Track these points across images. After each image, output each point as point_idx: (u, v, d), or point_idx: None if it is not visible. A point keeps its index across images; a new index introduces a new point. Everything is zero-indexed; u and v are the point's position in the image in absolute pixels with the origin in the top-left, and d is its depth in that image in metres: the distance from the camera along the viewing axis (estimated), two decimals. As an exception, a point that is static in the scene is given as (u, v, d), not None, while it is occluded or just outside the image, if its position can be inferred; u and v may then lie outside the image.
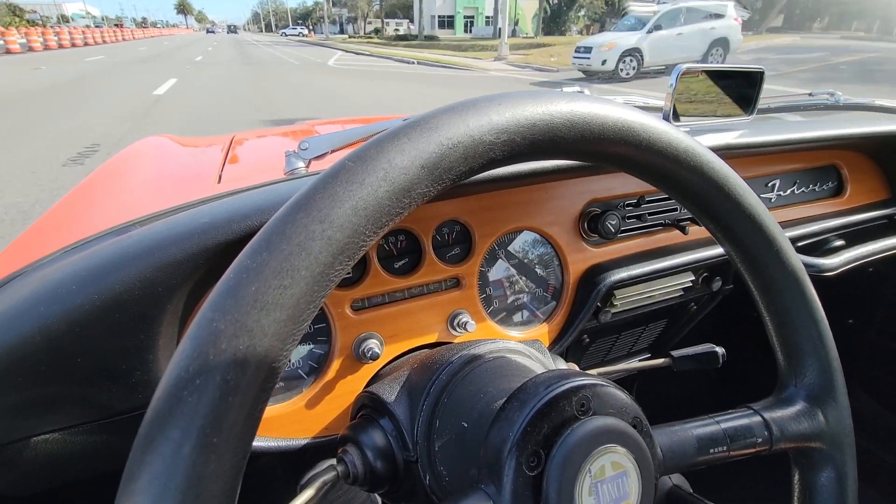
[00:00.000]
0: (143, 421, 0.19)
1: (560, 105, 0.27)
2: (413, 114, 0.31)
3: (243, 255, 0.22)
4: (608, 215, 0.67)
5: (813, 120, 0.91)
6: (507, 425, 0.29)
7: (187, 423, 0.19)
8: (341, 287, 0.54)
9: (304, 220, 0.22)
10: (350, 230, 0.22)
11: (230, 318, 0.20)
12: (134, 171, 0.90)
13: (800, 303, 0.36)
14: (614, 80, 10.65)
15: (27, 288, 0.39)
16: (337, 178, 0.23)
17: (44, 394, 0.38)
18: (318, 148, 0.60)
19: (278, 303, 0.20)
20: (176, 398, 0.19)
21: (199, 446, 0.18)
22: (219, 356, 0.19)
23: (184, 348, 0.20)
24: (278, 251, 0.21)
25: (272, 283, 0.21)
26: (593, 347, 0.80)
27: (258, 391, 0.20)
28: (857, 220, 0.91)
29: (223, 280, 0.21)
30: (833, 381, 0.37)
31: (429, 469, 0.40)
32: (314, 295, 0.22)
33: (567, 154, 0.29)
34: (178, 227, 0.39)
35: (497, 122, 0.26)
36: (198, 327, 0.20)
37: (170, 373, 0.20)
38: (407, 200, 0.24)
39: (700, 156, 0.31)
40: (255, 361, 0.20)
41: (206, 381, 0.19)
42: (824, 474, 0.37)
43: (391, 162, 0.24)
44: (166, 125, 5.75)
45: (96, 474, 0.47)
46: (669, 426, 0.35)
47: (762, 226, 0.34)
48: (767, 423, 0.36)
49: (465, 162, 0.25)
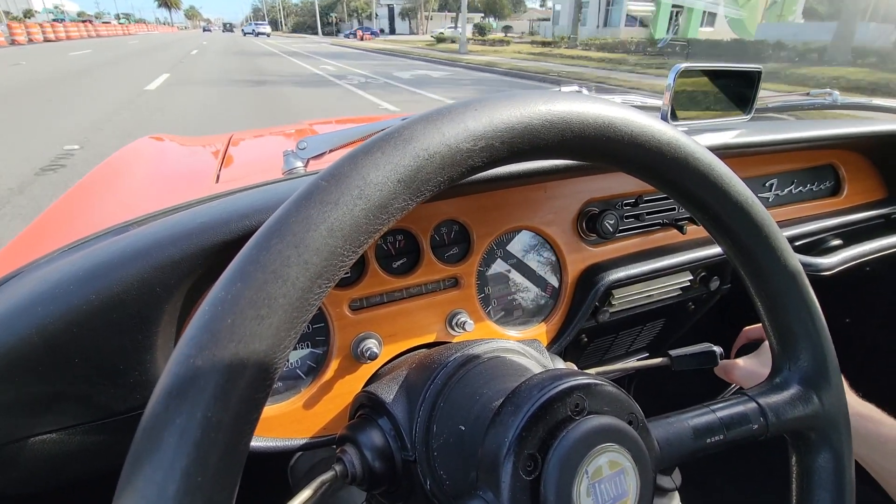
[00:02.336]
0: (126, 461, 0.19)
1: (538, 106, 0.27)
2: (412, 113, 0.30)
3: (217, 288, 0.21)
4: (606, 215, 0.67)
5: (810, 120, 0.92)
6: (502, 431, 0.29)
7: (170, 465, 0.18)
8: (340, 287, 0.54)
9: (278, 245, 0.21)
10: (327, 253, 0.22)
11: (207, 353, 0.19)
12: (132, 171, 0.90)
13: (790, 287, 0.36)
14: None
15: (25, 288, 0.39)
16: (310, 200, 0.22)
17: (42, 394, 0.38)
18: (317, 147, 0.60)
19: (256, 334, 0.20)
20: (157, 439, 0.19)
21: (183, 487, 0.18)
22: (198, 393, 0.19)
23: (162, 386, 0.20)
24: (253, 280, 0.20)
25: (248, 314, 0.20)
26: (592, 347, 0.81)
27: (242, 424, 0.20)
28: (854, 220, 0.91)
29: (198, 313, 0.21)
30: (827, 363, 0.37)
31: (429, 472, 0.40)
32: (294, 322, 0.21)
33: (549, 154, 0.29)
34: (176, 227, 0.39)
35: (474, 129, 0.25)
36: (175, 364, 0.20)
37: (149, 412, 0.19)
38: (384, 216, 0.23)
39: (684, 146, 0.31)
40: (237, 395, 0.20)
41: (187, 420, 0.19)
42: (821, 456, 0.37)
43: (366, 179, 0.23)
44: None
45: (95, 474, 0.47)
46: (665, 418, 0.35)
47: (751, 212, 0.34)
48: (763, 408, 0.36)
49: (443, 172, 0.25)
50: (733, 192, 0.33)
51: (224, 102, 7.94)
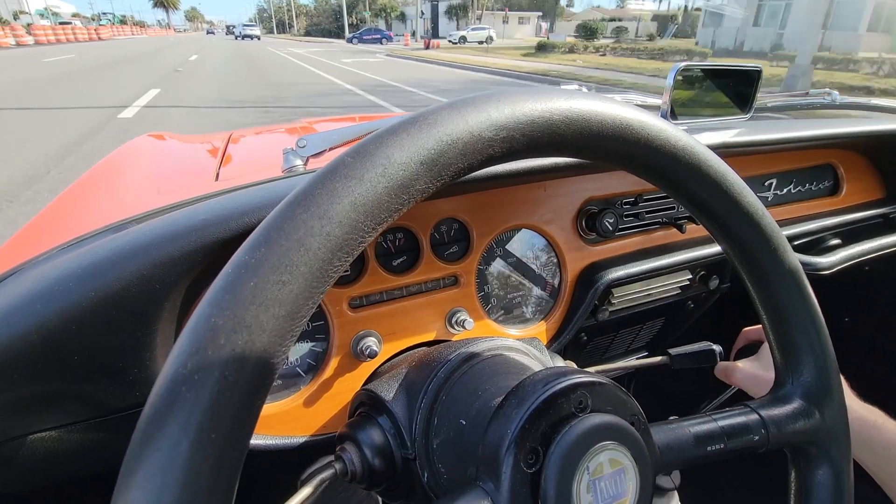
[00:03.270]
0: (141, 416, 0.19)
1: (559, 102, 0.27)
2: (407, 112, 0.30)
3: (241, 251, 0.22)
4: (606, 213, 0.67)
5: (809, 119, 0.92)
6: (505, 422, 0.29)
7: (185, 419, 0.18)
8: (339, 285, 0.54)
9: (302, 215, 0.22)
10: (349, 226, 0.22)
11: (228, 313, 0.20)
12: (131, 168, 0.90)
13: (796, 300, 0.36)
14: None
15: (23, 285, 0.39)
16: (336, 174, 0.23)
17: (40, 391, 0.38)
18: (316, 146, 0.60)
19: (277, 299, 0.20)
20: (174, 394, 0.19)
21: (197, 442, 0.18)
22: (217, 352, 0.19)
23: (181, 344, 0.20)
24: (277, 247, 0.21)
25: (270, 278, 0.20)
26: (591, 345, 0.81)
27: (257, 387, 0.20)
28: (852, 219, 0.91)
29: (221, 276, 0.21)
30: (829, 379, 0.37)
31: (427, 466, 0.40)
32: (313, 291, 0.22)
33: (565, 151, 0.29)
34: (176, 225, 0.39)
35: (496, 119, 0.26)
36: (196, 323, 0.20)
37: (167, 368, 0.20)
38: (406, 197, 0.24)
39: (698, 154, 0.31)
40: (254, 357, 0.20)
41: (205, 377, 0.19)
42: (821, 472, 0.37)
43: (390, 158, 0.23)
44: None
45: (94, 472, 0.47)
46: (667, 423, 0.35)
47: (760, 223, 0.34)
48: (764, 420, 0.37)
49: (464, 158, 0.25)
50: (744, 202, 0.33)
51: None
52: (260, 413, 0.21)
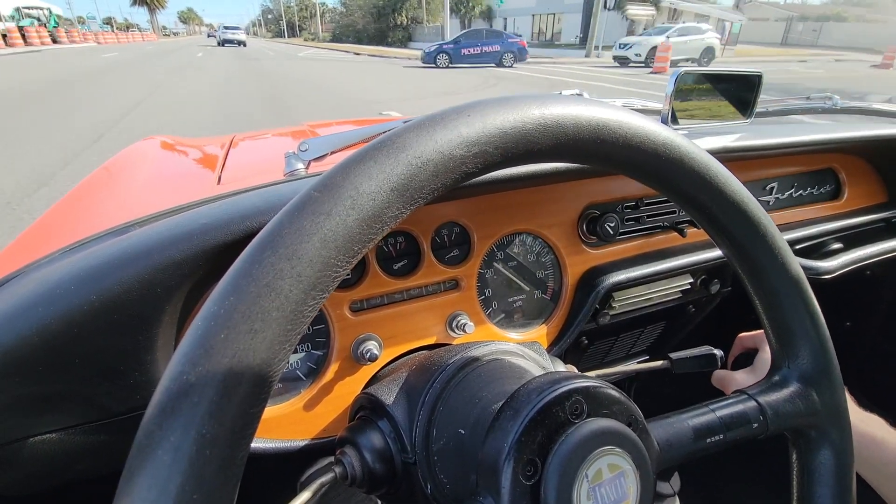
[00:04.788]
0: (121, 478, 0.19)
1: (532, 110, 0.27)
2: (414, 116, 0.30)
3: (210, 302, 0.21)
4: (607, 217, 0.67)
5: (810, 123, 0.92)
6: (501, 435, 0.29)
7: (164, 483, 0.18)
8: (340, 289, 0.54)
9: (270, 258, 0.21)
10: (320, 264, 0.21)
11: (201, 369, 0.19)
12: (133, 172, 0.90)
13: (788, 284, 0.36)
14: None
15: (25, 288, 0.39)
16: (303, 211, 0.22)
17: (42, 394, 0.38)
18: (318, 149, 0.61)
19: (250, 348, 0.20)
20: (150, 456, 0.18)
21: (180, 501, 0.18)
22: (192, 410, 0.19)
23: (156, 402, 0.19)
24: (246, 294, 0.20)
25: (241, 328, 0.20)
26: (592, 349, 0.80)
27: (238, 439, 0.20)
28: (854, 224, 0.91)
29: (191, 328, 0.20)
30: (825, 360, 0.37)
31: (429, 476, 0.40)
32: (288, 334, 0.21)
33: (544, 158, 0.28)
34: (178, 228, 0.39)
35: (467, 135, 0.25)
36: (169, 380, 0.20)
37: (143, 429, 0.19)
38: (378, 226, 0.23)
39: (679, 147, 0.31)
40: (231, 410, 0.19)
41: (182, 438, 0.18)
42: (821, 454, 0.37)
43: (358, 189, 0.23)
44: None
45: (95, 475, 0.47)
46: (664, 418, 0.35)
47: (747, 210, 0.34)
48: (762, 406, 0.36)
49: (437, 179, 0.24)
50: (729, 191, 0.33)
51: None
52: (245, 460, 0.21)
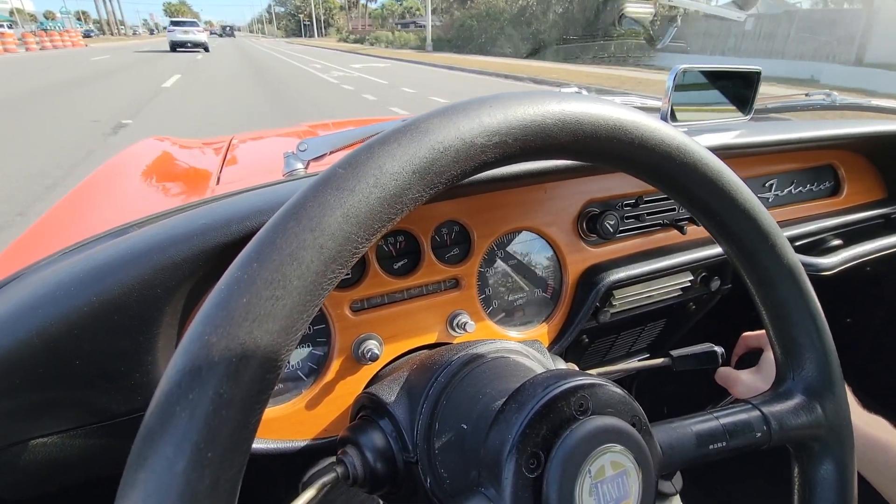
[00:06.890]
0: (136, 437, 0.19)
1: (552, 105, 0.27)
2: (412, 114, 0.31)
3: (234, 267, 0.21)
4: (607, 215, 0.67)
5: (810, 120, 0.92)
6: (505, 428, 0.29)
7: (180, 440, 0.18)
8: (340, 288, 0.54)
9: (294, 228, 0.22)
10: (342, 238, 0.22)
11: (222, 331, 0.20)
12: (132, 173, 0.90)
13: (796, 296, 0.36)
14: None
15: (25, 290, 0.39)
16: (327, 186, 0.23)
17: (42, 397, 0.38)
18: (317, 149, 0.60)
19: (270, 314, 0.20)
20: (169, 414, 0.19)
21: (193, 462, 0.18)
22: (211, 370, 0.19)
23: (175, 363, 0.20)
24: (269, 261, 0.21)
25: (263, 294, 0.20)
26: (593, 347, 0.81)
27: (253, 403, 0.20)
28: (853, 220, 0.91)
29: (214, 292, 0.21)
30: (831, 374, 0.37)
31: (429, 471, 0.40)
32: (307, 304, 0.21)
33: (560, 154, 0.29)
34: (177, 229, 0.39)
35: (488, 125, 0.25)
36: (189, 341, 0.20)
37: (162, 388, 0.19)
38: (399, 206, 0.24)
39: (693, 152, 0.31)
40: (249, 373, 0.20)
41: (200, 396, 0.19)
42: (824, 467, 0.37)
43: (382, 168, 0.23)
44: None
45: (95, 477, 0.46)
46: (668, 423, 0.35)
47: (757, 220, 0.34)
48: (766, 417, 0.36)
49: (457, 165, 0.25)
50: (740, 200, 0.33)
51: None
52: (257, 428, 0.21)
